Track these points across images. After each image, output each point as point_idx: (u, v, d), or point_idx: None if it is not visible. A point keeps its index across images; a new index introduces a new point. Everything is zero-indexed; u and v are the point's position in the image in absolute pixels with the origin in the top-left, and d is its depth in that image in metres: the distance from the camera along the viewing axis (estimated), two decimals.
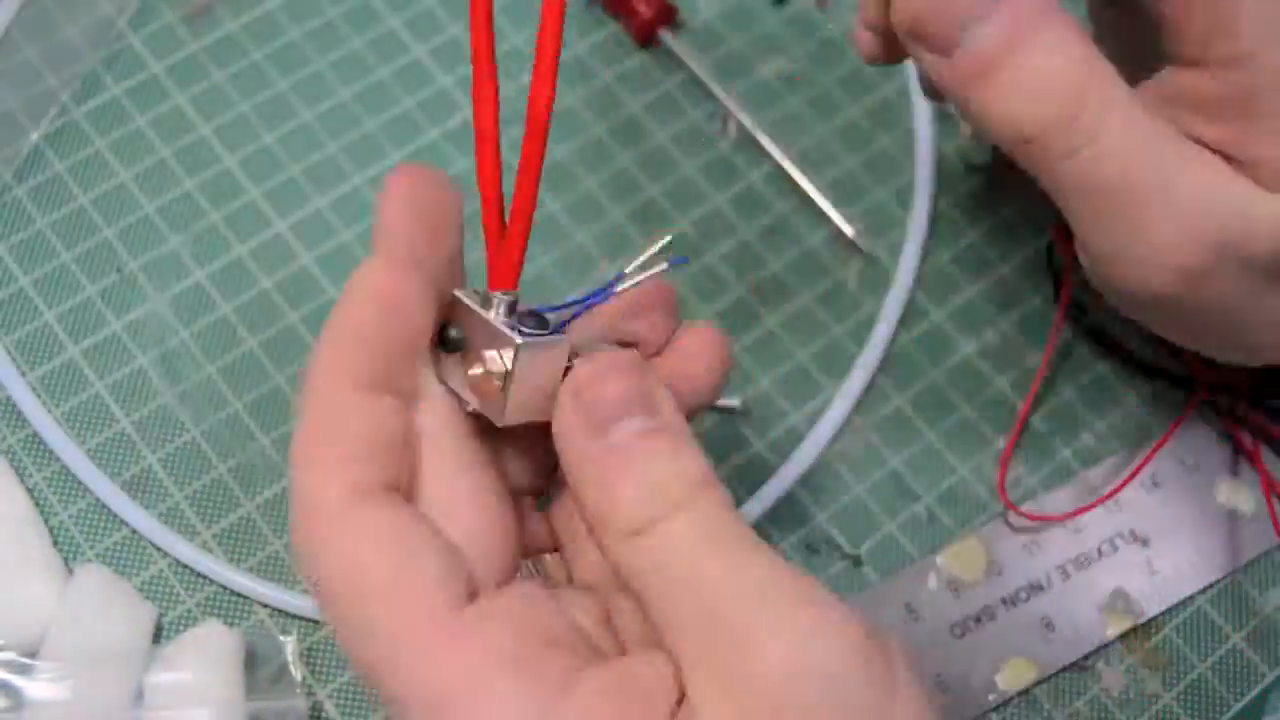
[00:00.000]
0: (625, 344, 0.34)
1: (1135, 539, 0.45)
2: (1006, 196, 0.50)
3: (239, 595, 0.43)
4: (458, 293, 0.32)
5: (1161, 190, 0.34)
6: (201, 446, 0.45)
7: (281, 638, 0.42)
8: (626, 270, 0.33)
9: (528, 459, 0.34)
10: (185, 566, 0.43)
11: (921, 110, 0.51)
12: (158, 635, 0.42)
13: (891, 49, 0.39)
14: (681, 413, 0.31)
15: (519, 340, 0.30)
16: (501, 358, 0.31)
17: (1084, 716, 0.43)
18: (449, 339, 0.32)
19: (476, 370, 0.31)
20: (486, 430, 0.32)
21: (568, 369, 0.31)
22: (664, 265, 0.33)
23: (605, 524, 0.29)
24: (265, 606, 0.43)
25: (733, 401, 0.46)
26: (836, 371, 0.47)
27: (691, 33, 0.52)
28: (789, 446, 0.46)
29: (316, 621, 0.43)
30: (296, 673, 0.41)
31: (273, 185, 0.49)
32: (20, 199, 0.49)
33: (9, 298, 0.47)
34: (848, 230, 0.49)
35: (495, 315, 0.31)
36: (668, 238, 0.34)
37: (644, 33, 0.51)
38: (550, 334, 0.31)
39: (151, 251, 0.48)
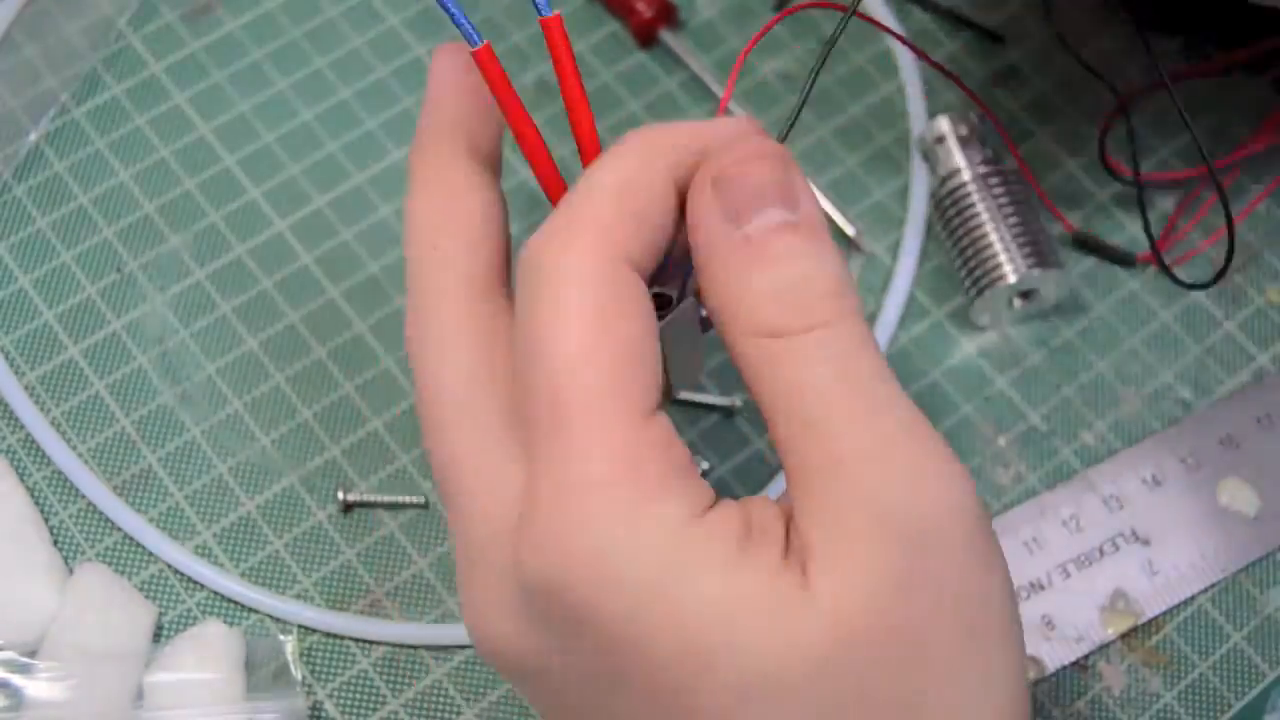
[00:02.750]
0: None
1: (1136, 539, 0.45)
2: None
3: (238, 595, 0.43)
4: None
5: None
6: (201, 446, 0.45)
7: (281, 637, 0.42)
8: None
9: None
10: (183, 572, 0.43)
11: (921, 110, 0.51)
12: (158, 635, 0.42)
13: None
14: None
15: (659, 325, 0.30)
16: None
17: (1084, 716, 0.43)
18: None
19: None
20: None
21: (704, 320, 0.32)
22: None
23: (734, 319, 0.29)
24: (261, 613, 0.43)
25: (731, 400, 0.46)
26: None
27: (691, 33, 0.52)
28: None
29: (313, 629, 0.43)
30: (296, 673, 0.41)
31: (273, 185, 0.49)
32: (20, 199, 0.49)
33: (9, 298, 0.47)
34: (848, 230, 0.49)
35: None
36: None
37: (644, 33, 0.51)
38: (677, 305, 0.32)
39: (151, 251, 0.48)
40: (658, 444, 0.28)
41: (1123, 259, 0.48)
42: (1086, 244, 0.48)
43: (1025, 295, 0.47)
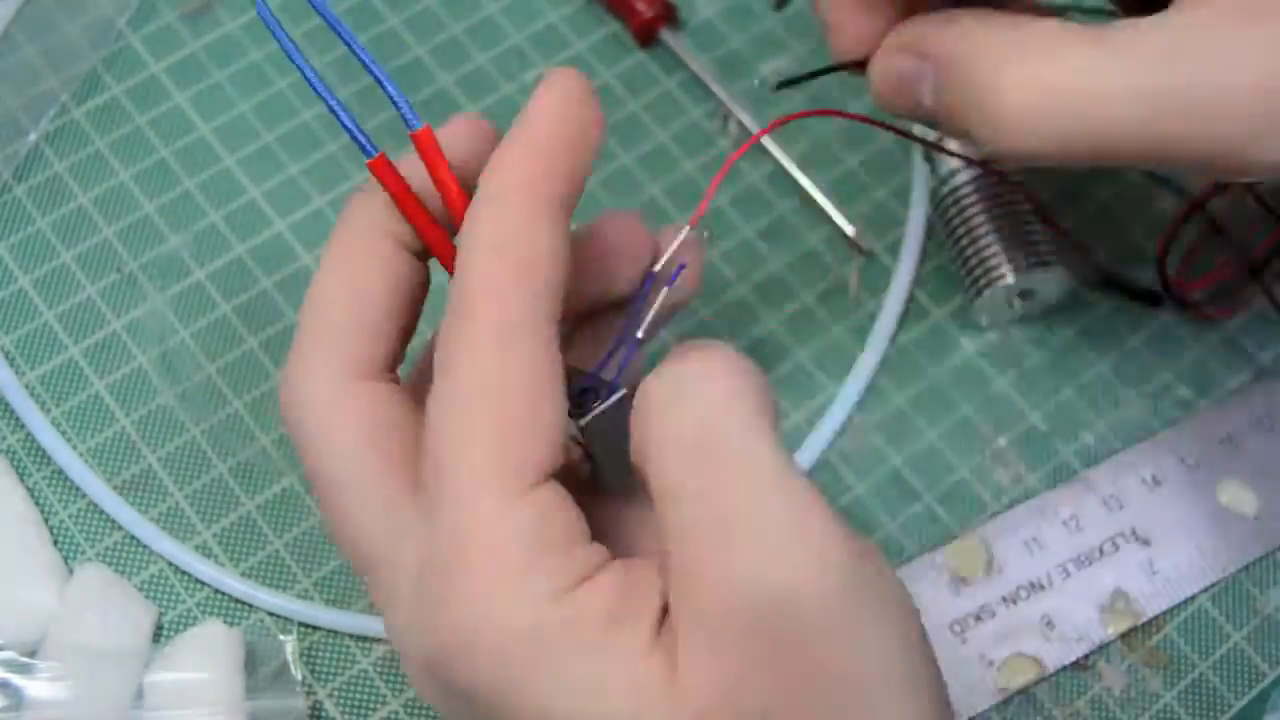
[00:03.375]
0: None
1: (1136, 538, 0.45)
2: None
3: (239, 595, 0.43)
4: None
5: None
6: (201, 446, 0.45)
7: (281, 637, 0.42)
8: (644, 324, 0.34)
9: None
10: (184, 572, 0.43)
11: None
12: (158, 635, 0.42)
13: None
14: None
15: (579, 424, 0.31)
16: (579, 438, 0.32)
17: (1085, 716, 0.43)
18: None
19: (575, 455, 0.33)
20: None
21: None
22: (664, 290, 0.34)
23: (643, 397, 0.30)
24: (266, 612, 0.43)
25: None
26: (836, 371, 0.47)
27: (691, 33, 0.52)
28: (790, 446, 0.46)
29: (315, 626, 0.43)
30: (296, 672, 0.41)
31: (272, 185, 0.49)
32: (20, 199, 0.49)
33: (9, 298, 0.47)
34: (848, 230, 0.49)
35: None
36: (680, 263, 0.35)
37: (644, 33, 0.51)
38: (610, 396, 0.32)
39: (151, 251, 0.48)
40: (533, 517, 0.28)
41: (1148, 298, 0.48)
42: (1110, 283, 0.48)
43: (1025, 295, 0.47)
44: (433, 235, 0.32)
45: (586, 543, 0.29)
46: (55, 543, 0.43)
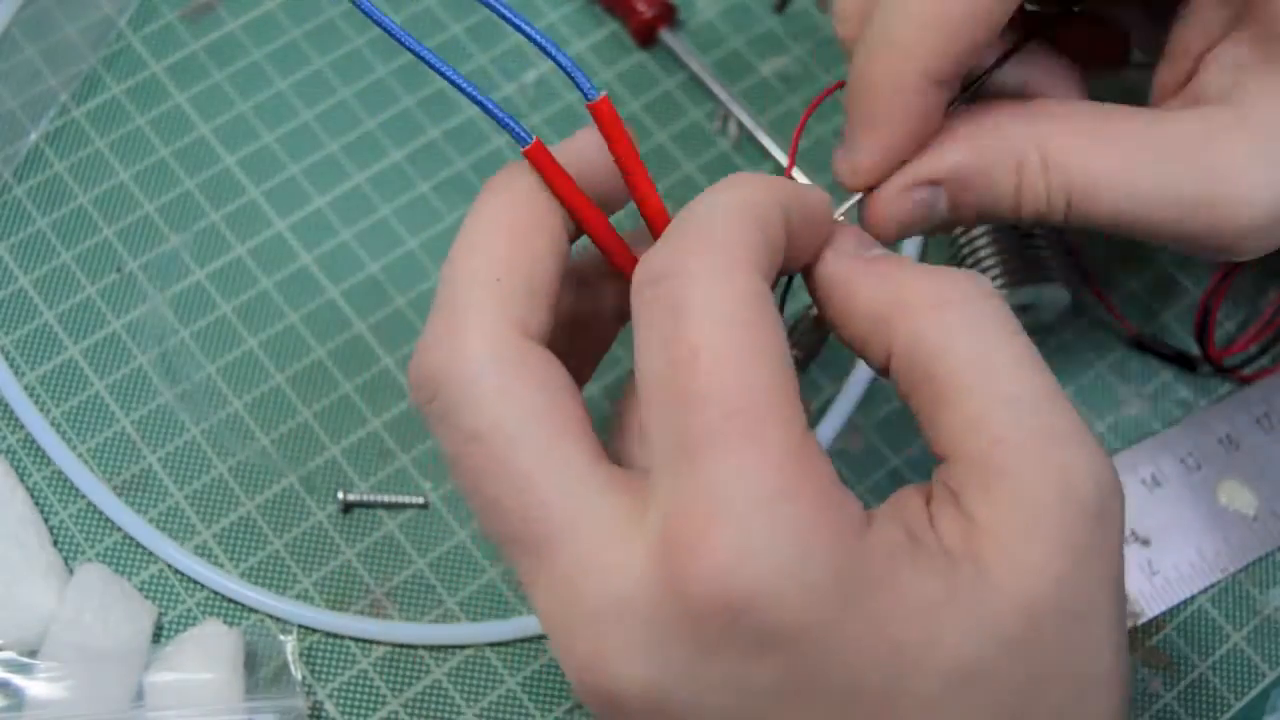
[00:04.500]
0: None
1: (1136, 539, 0.45)
2: None
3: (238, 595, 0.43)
4: None
5: None
6: (201, 446, 0.45)
7: (281, 637, 0.42)
8: None
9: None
10: (183, 573, 0.43)
11: None
12: (158, 635, 0.42)
13: None
14: None
15: None
16: None
17: None
18: None
19: None
20: None
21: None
22: None
23: (904, 307, 0.30)
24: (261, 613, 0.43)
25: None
26: (837, 371, 0.47)
27: (691, 33, 0.52)
28: None
29: (314, 627, 0.43)
30: (296, 673, 0.42)
31: (273, 185, 0.49)
32: (20, 199, 0.49)
33: (9, 298, 0.47)
34: None
35: None
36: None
37: (644, 33, 0.51)
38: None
39: (151, 251, 0.48)
40: (818, 455, 0.28)
41: (1185, 362, 0.47)
42: (1147, 346, 0.48)
43: (1021, 310, 0.46)
44: (594, 220, 0.32)
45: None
46: (55, 543, 0.43)
